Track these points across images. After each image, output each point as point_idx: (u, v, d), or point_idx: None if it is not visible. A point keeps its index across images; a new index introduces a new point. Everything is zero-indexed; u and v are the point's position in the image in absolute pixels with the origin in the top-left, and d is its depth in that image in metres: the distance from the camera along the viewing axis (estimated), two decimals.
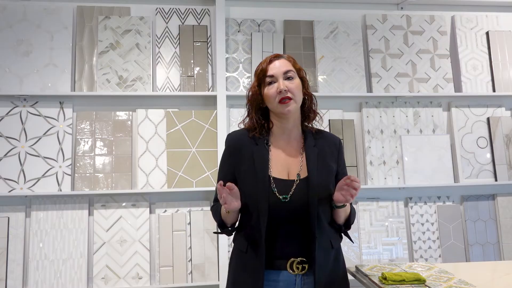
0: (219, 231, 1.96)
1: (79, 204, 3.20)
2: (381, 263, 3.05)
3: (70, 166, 3.19)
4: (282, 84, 1.88)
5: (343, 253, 3.29)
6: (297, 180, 1.88)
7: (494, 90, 3.63)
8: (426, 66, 3.62)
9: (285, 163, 1.92)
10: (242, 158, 1.91)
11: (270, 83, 1.91)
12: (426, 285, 1.94)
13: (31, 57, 3.25)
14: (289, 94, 1.87)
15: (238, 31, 3.52)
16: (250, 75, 3.45)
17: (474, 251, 3.48)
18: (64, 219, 3.17)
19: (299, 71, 1.97)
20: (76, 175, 3.20)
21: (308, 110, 2.01)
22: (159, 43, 3.42)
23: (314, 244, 1.81)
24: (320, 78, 3.48)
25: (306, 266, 1.82)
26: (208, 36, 3.47)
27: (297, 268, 1.82)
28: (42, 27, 3.30)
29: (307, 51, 3.53)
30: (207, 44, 3.46)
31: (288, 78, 1.91)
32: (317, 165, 1.91)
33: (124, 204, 3.24)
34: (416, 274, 2.04)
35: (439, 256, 3.44)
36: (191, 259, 3.21)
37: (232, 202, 1.77)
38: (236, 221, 1.94)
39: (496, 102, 3.70)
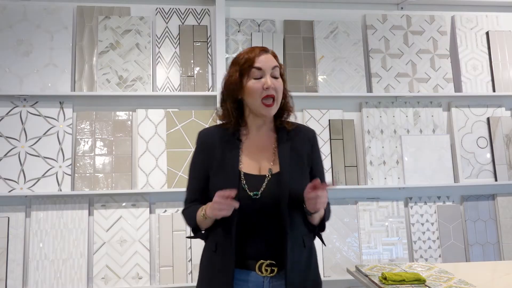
0: (192, 235, 1.89)
1: (79, 204, 3.20)
2: (381, 263, 3.05)
3: (70, 166, 3.19)
4: (270, 80, 1.79)
5: (343, 253, 3.32)
6: (268, 176, 1.80)
7: (494, 90, 3.63)
8: (426, 66, 3.62)
9: (256, 158, 1.84)
10: (214, 155, 1.83)
11: (255, 76, 1.81)
12: (426, 285, 1.94)
13: (31, 57, 3.25)
14: (273, 93, 1.80)
15: (238, 31, 3.52)
16: None
17: (474, 251, 3.48)
18: (64, 219, 3.17)
19: (281, 69, 1.89)
20: (76, 175, 3.20)
21: (284, 108, 1.92)
22: (159, 43, 3.42)
23: (286, 242, 1.74)
24: (320, 78, 3.48)
25: (276, 269, 1.76)
26: (208, 36, 3.47)
27: (266, 270, 1.75)
28: (42, 27, 3.30)
29: (307, 51, 3.53)
30: (207, 44, 3.46)
31: (275, 76, 1.83)
32: (290, 160, 1.84)
33: (124, 204, 3.24)
34: (416, 274, 2.04)
35: (439, 256, 3.44)
36: (191, 259, 3.21)
37: (223, 211, 1.68)
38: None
39: (496, 102, 3.70)
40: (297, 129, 1.94)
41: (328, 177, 3.16)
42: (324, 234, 3.34)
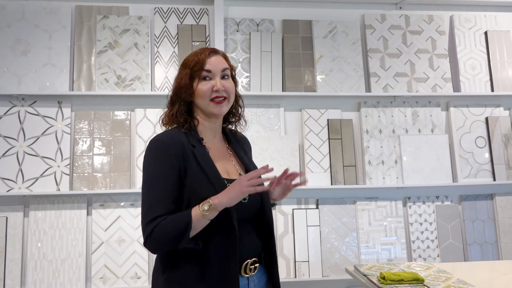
0: (185, 244, 1.65)
1: (78, 204, 3.20)
2: (380, 262, 3.05)
3: (68, 166, 3.19)
4: (219, 82, 1.78)
5: (342, 253, 3.32)
6: None
7: (492, 90, 3.63)
8: (425, 65, 3.62)
9: (221, 162, 1.81)
10: (188, 160, 1.70)
11: (205, 78, 1.78)
12: (424, 285, 1.94)
13: (29, 57, 3.25)
14: (224, 94, 1.79)
15: (237, 31, 3.52)
16: (248, 74, 3.45)
17: (473, 251, 3.48)
18: (63, 218, 3.17)
19: (232, 70, 1.88)
20: (74, 174, 3.20)
21: (233, 111, 1.94)
22: (157, 43, 3.41)
23: (272, 240, 1.82)
24: (318, 78, 3.48)
25: (257, 265, 1.79)
26: (207, 35, 3.47)
27: (250, 269, 1.75)
28: (40, 27, 3.29)
29: (306, 50, 3.53)
30: (206, 43, 3.45)
31: (224, 77, 1.81)
32: (250, 163, 1.91)
33: (122, 203, 3.23)
34: (415, 273, 2.04)
35: (438, 256, 3.44)
36: None
37: (251, 188, 1.64)
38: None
39: (495, 101, 3.70)
40: (237, 134, 1.99)
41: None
42: (322, 234, 3.35)
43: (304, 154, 3.42)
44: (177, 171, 1.68)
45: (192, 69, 1.79)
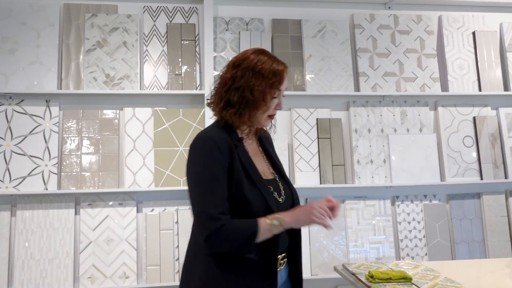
0: (248, 254, 1.71)
1: (66, 203, 3.18)
2: (368, 261, 3.06)
3: (56, 165, 3.17)
4: (282, 103, 1.83)
5: (331, 251, 3.33)
6: (278, 181, 1.89)
7: (480, 90, 3.66)
8: (413, 65, 3.64)
9: (256, 162, 1.85)
10: (232, 161, 1.72)
11: (275, 95, 1.79)
12: (412, 283, 1.95)
13: (17, 55, 3.22)
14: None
15: (226, 30, 3.51)
16: None
17: (460, 249, 3.51)
18: (50, 218, 3.15)
19: None
20: (62, 174, 3.18)
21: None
22: (146, 41, 3.40)
23: (300, 237, 1.89)
24: (308, 77, 3.49)
25: (285, 260, 1.86)
26: (196, 34, 3.46)
27: (280, 264, 1.81)
28: (28, 25, 3.27)
29: (295, 50, 3.53)
30: (195, 42, 3.45)
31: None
32: (280, 163, 1.97)
33: (111, 203, 3.22)
34: (403, 272, 2.05)
35: (426, 254, 3.46)
36: (178, 258, 3.21)
37: (321, 220, 1.70)
38: None
39: (482, 101, 3.73)
40: (263, 133, 2.02)
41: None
42: (311, 233, 3.36)
43: (293, 153, 3.42)
44: (226, 170, 1.70)
45: (269, 83, 1.76)
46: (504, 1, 3.81)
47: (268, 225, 1.67)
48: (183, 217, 3.25)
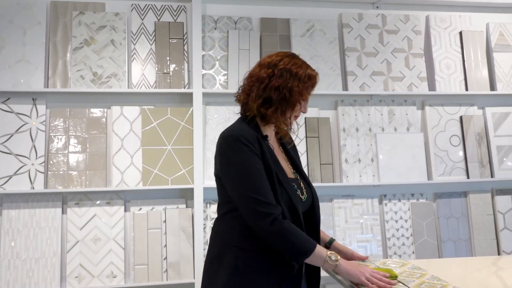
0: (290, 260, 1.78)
1: (52, 202, 3.16)
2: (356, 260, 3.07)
3: (43, 164, 3.15)
4: (307, 106, 1.93)
5: None
6: (299, 180, 1.94)
7: (466, 89, 3.69)
8: (401, 65, 3.66)
9: (280, 161, 1.90)
10: (263, 157, 1.78)
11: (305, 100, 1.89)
12: (399, 281, 1.96)
13: (3, 53, 3.19)
14: None
15: (215, 28, 3.50)
16: (226, 72, 3.44)
17: (447, 248, 3.53)
18: (37, 217, 3.12)
19: None
20: (49, 172, 3.15)
21: None
22: (134, 40, 3.39)
23: (318, 234, 1.96)
24: None
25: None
26: (184, 33, 3.45)
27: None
28: (14, 22, 3.24)
29: (284, 49, 3.53)
30: (183, 41, 3.44)
31: None
32: (300, 163, 2.04)
33: (98, 202, 3.20)
34: (389, 270, 2.05)
35: (413, 253, 3.48)
36: (166, 257, 3.20)
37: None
38: None
39: (469, 101, 3.76)
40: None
41: None
42: None
43: None
44: (262, 164, 1.76)
45: (305, 86, 1.85)
46: (491, 1, 3.85)
47: (324, 255, 1.75)
48: (171, 216, 3.25)
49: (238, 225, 1.78)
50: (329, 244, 2.11)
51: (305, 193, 1.91)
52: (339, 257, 1.78)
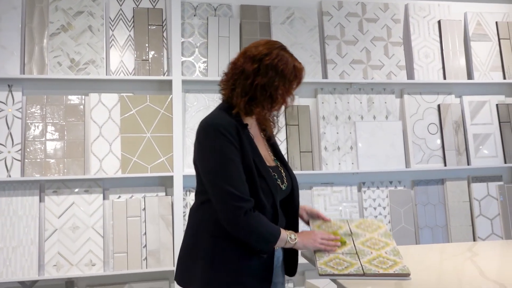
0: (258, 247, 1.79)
1: (30, 190, 3.12)
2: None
3: (19, 152, 3.10)
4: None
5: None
6: (279, 168, 1.94)
7: (444, 78, 3.72)
8: (380, 53, 3.68)
9: (260, 149, 1.89)
10: (241, 145, 1.76)
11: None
12: (356, 253, 1.95)
13: None
14: None
15: (194, 15, 3.47)
16: (206, 59, 3.42)
17: (424, 234, 3.59)
18: (14, 205, 3.08)
19: None
20: (26, 160, 3.11)
21: None
22: (112, 26, 3.34)
23: (297, 221, 1.98)
24: None
25: None
26: (164, 19, 3.42)
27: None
28: None
29: (264, 36, 3.52)
30: (162, 27, 3.40)
31: None
32: (280, 151, 2.04)
33: (76, 190, 3.17)
34: (342, 238, 2.03)
35: None
36: (146, 245, 3.19)
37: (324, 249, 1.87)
38: None
39: (447, 89, 3.80)
40: None
41: None
42: None
43: None
44: (239, 153, 1.75)
45: (291, 84, 1.84)
46: None
47: (286, 237, 1.79)
48: (151, 204, 3.23)
49: (216, 215, 1.77)
50: None
51: (285, 182, 1.91)
52: (296, 235, 1.82)
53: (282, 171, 1.94)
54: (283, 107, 1.91)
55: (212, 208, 1.76)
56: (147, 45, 3.35)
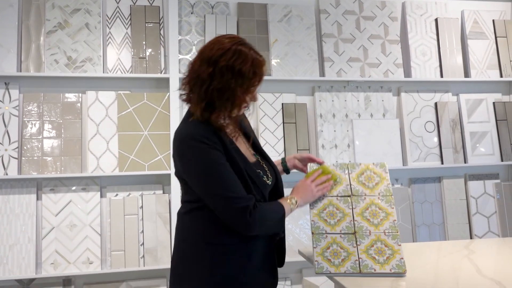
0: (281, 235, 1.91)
1: (27, 189, 3.11)
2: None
3: (16, 149, 3.09)
4: (257, 94, 1.80)
5: (296, 235, 3.37)
6: (261, 162, 1.91)
7: (441, 76, 3.73)
8: (377, 51, 3.68)
9: (240, 147, 1.85)
10: (224, 149, 1.71)
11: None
12: (354, 233, 1.95)
13: None
14: None
15: (191, 13, 3.47)
16: None
17: (421, 232, 3.60)
18: (11, 204, 3.08)
19: None
20: (23, 158, 3.10)
21: None
22: (109, 24, 3.33)
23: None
24: (273, 62, 3.49)
25: None
26: (161, 17, 3.41)
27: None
28: None
29: (261, 34, 3.52)
30: (160, 25, 3.40)
31: None
32: (257, 140, 2.00)
33: (74, 188, 3.17)
34: (334, 176, 2.03)
35: None
36: (143, 243, 3.19)
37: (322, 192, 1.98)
38: None
39: (444, 87, 3.80)
40: None
41: None
42: None
43: (259, 138, 3.43)
44: (224, 156, 1.71)
45: (251, 83, 1.72)
46: None
47: (290, 205, 1.83)
48: (148, 202, 3.23)
49: (209, 222, 1.74)
50: (283, 165, 2.18)
51: (270, 176, 1.88)
52: (294, 196, 1.87)
53: (264, 165, 1.90)
54: (249, 106, 1.82)
55: (206, 215, 1.74)
56: (144, 42, 3.35)
